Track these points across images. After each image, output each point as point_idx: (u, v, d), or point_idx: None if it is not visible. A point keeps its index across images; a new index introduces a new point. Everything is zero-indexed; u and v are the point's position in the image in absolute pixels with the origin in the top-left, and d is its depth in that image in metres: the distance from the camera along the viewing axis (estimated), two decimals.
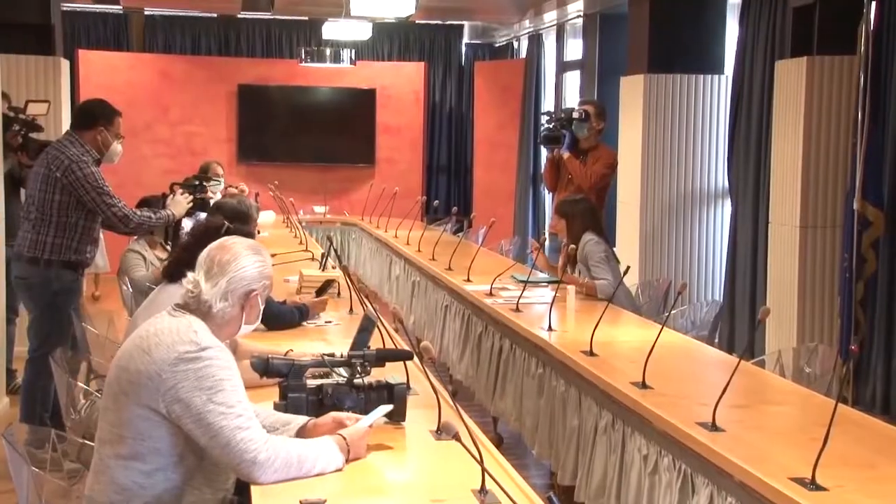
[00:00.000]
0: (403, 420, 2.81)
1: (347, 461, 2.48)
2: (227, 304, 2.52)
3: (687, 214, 7.51)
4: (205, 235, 3.18)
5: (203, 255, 2.58)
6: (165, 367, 2.37)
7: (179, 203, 5.19)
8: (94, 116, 4.90)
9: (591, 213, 5.52)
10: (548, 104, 10.87)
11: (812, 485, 2.44)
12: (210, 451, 2.39)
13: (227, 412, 2.34)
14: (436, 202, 9.59)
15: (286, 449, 2.40)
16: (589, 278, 5.24)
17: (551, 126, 6.80)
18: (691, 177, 7.50)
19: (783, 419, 3.19)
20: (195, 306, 2.52)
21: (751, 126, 6.76)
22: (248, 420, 2.38)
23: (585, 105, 6.82)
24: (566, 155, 6.65)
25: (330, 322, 4.33)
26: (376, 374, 2.85)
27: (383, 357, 2.90)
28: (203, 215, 5.11)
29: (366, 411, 2.71)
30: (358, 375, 2.79)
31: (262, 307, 2.61)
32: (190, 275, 2.56)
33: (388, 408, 2.73)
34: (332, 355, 2.89)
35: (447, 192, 12.52)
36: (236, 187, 7.82)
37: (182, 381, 2.35)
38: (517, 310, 4.83)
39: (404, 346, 3.52)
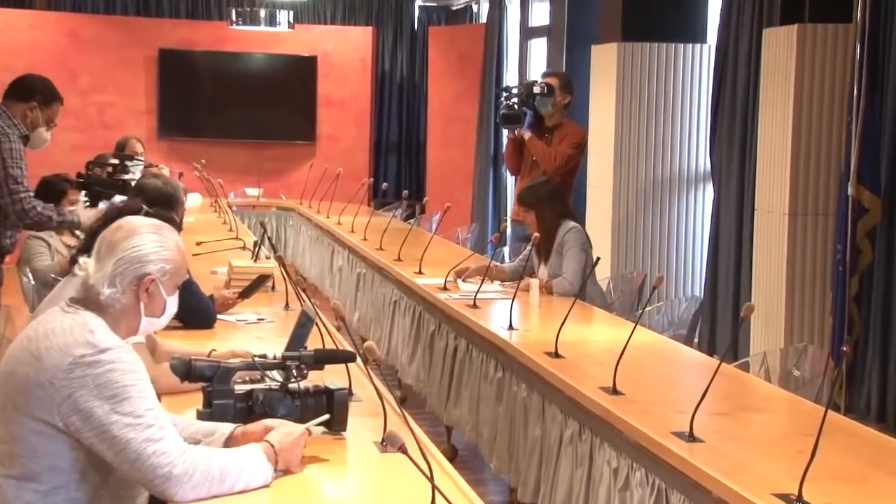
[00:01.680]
0: (344, 430, 2.80)
1: (277, 471, 2.45)
2: (116, 291, 2.43)
3: (664, 200, 7.56)
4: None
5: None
6: (59, 374, 2.30)
7: (90, 217, 5.14)
8: (31, 90, 4.90)
9: (559, 195, 5.54)
10: (510, 75, 10.89)
11: (798, 501, 2.47)
12: (118, 466, 2.35)
13: (134, 423, 2.30)
14: (384, 184, 9.56)
15: (206, 461, 2.36)
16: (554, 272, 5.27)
17: (510, 103, 6.78)
18: (669, 158, 7.55)
19: (768, 428, 3.23)
20: (85, 295, 2.45)
21: (735, 102, 6.82)
22: (160, 430, 2.33)
23: (549, 77, 6.81)
24: (527, 135, 6.65)
25: (262, 319, 4.31)
26: (314, 378, 2.84)
27: (322, 359, 2.88)
28: (120, 199, 5.06)
29: (302, 420, 2.69)
30: (293, 379, 2.78)
31: (166, 297, 2.52)
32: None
33: (325, 417, 2.72)
34: (265, 356, 2.88)
35: (397, 174, 12.51)
36: (156, 167, 7.75)
37: (79, 390, 2.29)
38: (474, 306, 4.84)
39: (346, 346, 3.51)
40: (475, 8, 12.03)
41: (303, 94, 11.60)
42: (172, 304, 2.55)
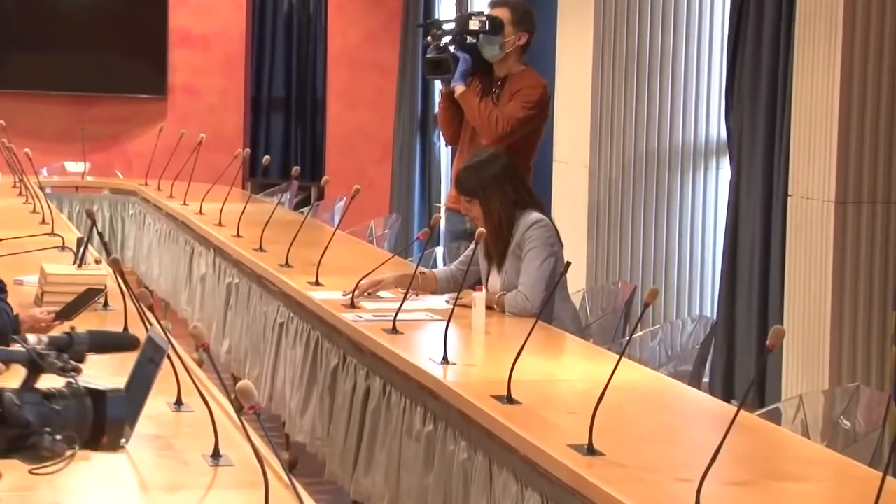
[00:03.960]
0: (119, 448, 2.56)
1: None
2: None
3: (661, 183, 7.62)
4: None
5: None
6: None
7: None
8: None
9: (515, 175, 5.50)
10: (445, 6, 10.91)
11: None
12: None
13: None
14: (266, 158, 9.52)
15: None
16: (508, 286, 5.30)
17: (440, 45, 6.77)
18: (668, 125, 7.61)
19: (805, 502, 3.27)
20: None
21: (761, 48, 6.88)
22: None
23: (497, 8, 6.76)
24: (459, 89, 6.62)
25: None
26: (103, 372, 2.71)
27: (101, 342, 2.63)
28: None
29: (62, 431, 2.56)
30: (56, 369, 2.52)
31: None
32: None
33: None
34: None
35: (284, 143, 12.46)
36: None
37: None
38: (394, 330, 4.85)
39: (211, 387, 3.50)
40: None
41: (148, 29, 11.53)
42: None
